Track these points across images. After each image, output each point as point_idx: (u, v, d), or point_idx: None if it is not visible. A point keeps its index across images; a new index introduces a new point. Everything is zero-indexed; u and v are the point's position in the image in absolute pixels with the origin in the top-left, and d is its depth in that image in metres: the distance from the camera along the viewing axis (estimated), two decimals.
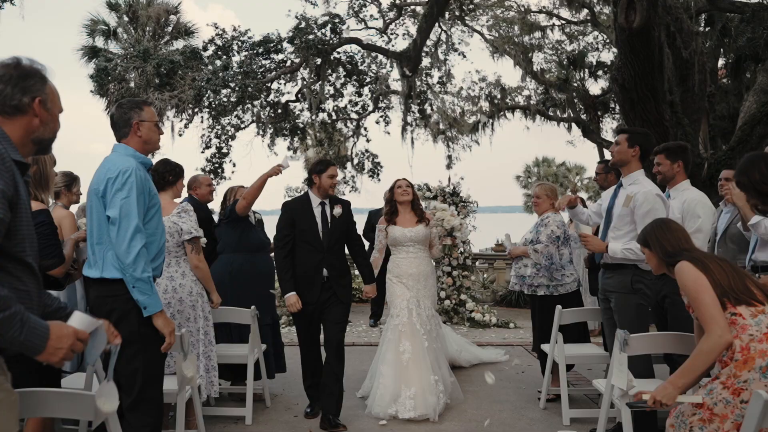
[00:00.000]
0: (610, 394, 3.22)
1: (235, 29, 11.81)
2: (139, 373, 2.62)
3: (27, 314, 1.56)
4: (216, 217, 5.10)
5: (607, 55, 15.72)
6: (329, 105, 13.46)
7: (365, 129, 14.51)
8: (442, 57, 13.89)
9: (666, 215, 3.48)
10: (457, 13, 14.00)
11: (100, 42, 14.03)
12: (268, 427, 4.15)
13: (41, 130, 1.83)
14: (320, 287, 4.10)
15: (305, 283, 4.09)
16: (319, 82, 12.35)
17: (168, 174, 3.85)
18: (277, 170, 4.46)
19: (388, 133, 14.34)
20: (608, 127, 16.36)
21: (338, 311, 4.15)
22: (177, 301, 3.71)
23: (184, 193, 4.48)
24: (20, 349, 1.58)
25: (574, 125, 16.22)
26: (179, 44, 14.13)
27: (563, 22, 16.16)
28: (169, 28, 14.61)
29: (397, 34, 13.53)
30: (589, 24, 15.29)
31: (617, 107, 13.57)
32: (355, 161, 14.94)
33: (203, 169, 12.58)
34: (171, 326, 2.69)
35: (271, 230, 4.60)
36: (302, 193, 4.19)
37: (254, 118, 12.77)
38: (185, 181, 4.30)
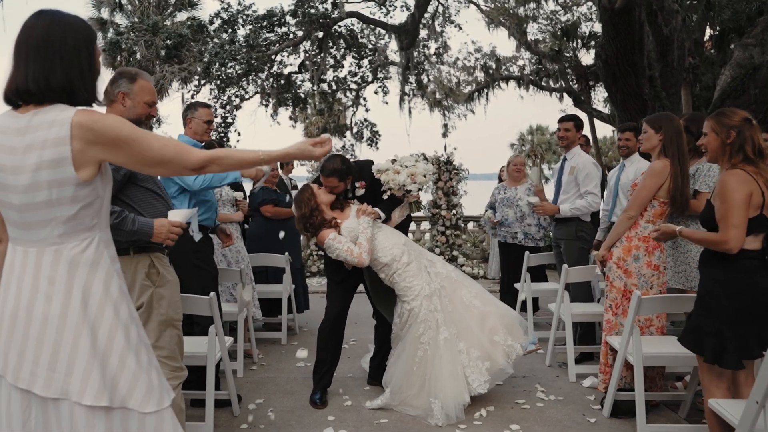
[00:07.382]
0: (625, 350, 3.31)
1: (240, 3, 12.21)
2: None
3: (136, 217, 2.47)
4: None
5: (600, 27, 16.05)
6: (330, 76, 13.89)
7: (364, 99, 14.95)
8: (438, 29, 14.29)
9: (599, 178, 4.42)
10: None
11: (106, 14, 14.40)
12: (297, 346, 5.13)
13: (128, 113, 2.56)
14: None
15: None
16: (321, 55, 12.80)
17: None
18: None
19: (387, 103, 14.81)
20: (599, 97, 16.89)
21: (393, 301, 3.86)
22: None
23: None
24: (139, 237, 2.47)
25: (566, 95, 16.72)
26: (182, 16, 14.50)
27: None
28: (173, 0, 14.95)
29: (396, 6, 13.93)
30: None
31: None
32: (355, 130, 15.48)
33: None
34: None
35: None
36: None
37: (258, 89, 13.24)
38: None
